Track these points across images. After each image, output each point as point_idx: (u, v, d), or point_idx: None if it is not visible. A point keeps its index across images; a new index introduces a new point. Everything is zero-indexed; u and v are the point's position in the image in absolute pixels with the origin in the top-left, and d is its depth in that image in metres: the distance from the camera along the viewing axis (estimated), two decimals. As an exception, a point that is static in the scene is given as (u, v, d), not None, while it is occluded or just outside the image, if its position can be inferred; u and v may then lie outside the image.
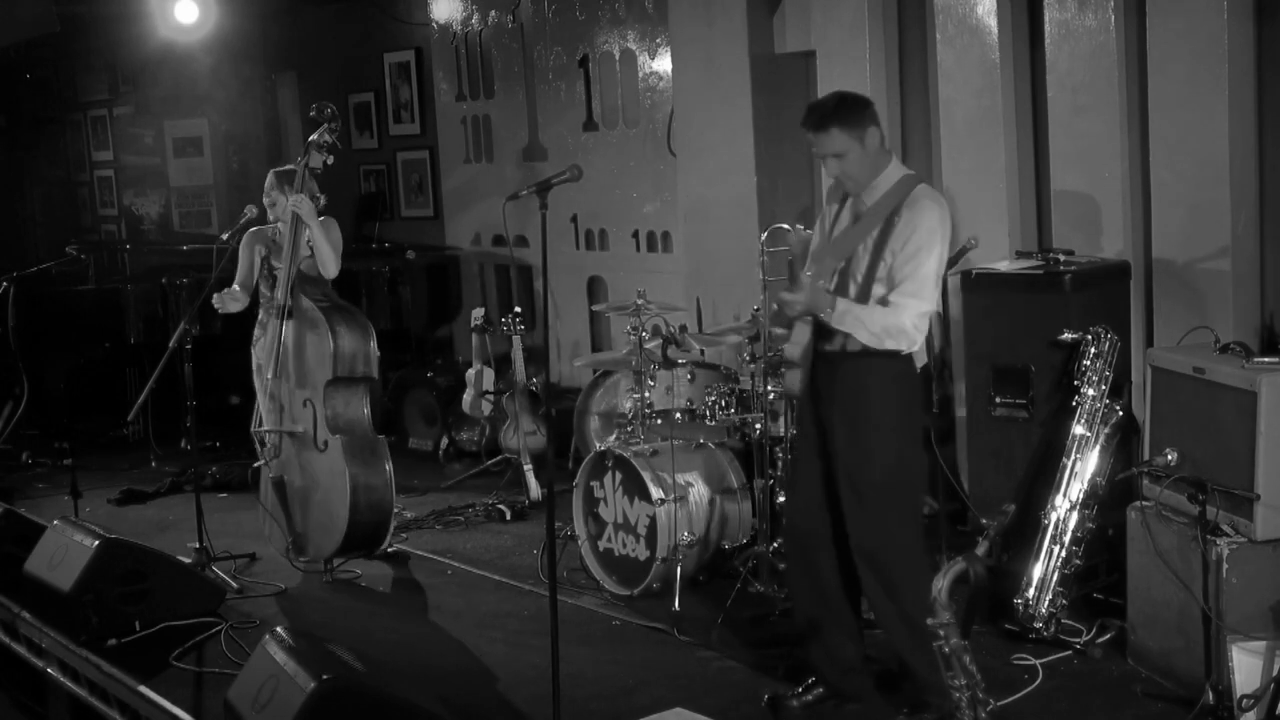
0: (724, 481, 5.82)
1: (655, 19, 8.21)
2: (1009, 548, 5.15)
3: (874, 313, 4.28)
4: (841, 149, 4.31)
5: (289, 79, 11.36)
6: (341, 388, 6.07)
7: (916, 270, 4.25)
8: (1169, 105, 5.71)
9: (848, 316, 4.28)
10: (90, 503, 7.51)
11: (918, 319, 4.27)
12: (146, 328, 9.11)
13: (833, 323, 4.29)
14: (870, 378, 4.34)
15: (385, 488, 6.13)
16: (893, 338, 4.26)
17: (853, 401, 4.37)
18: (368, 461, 6.08)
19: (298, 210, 6.04)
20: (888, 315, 4.26)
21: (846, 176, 4.38)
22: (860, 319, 4.27)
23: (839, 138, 4.29)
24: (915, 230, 4.25)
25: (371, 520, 6.10)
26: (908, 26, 7.05)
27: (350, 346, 6.09)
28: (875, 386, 4.34)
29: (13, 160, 12.73)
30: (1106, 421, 5.04)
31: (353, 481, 6.00)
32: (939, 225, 4.28)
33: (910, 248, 4.25)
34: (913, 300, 4.25)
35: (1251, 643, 4.27)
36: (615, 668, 5.08)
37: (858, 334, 4.27)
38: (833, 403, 4.43)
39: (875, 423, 4.35)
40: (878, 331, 4.26)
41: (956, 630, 3.55)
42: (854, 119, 4.31)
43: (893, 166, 4.40)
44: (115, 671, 4.97)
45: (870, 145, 4.33)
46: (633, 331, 6.13)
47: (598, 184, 8.43)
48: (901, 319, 4.24)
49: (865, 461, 4.37)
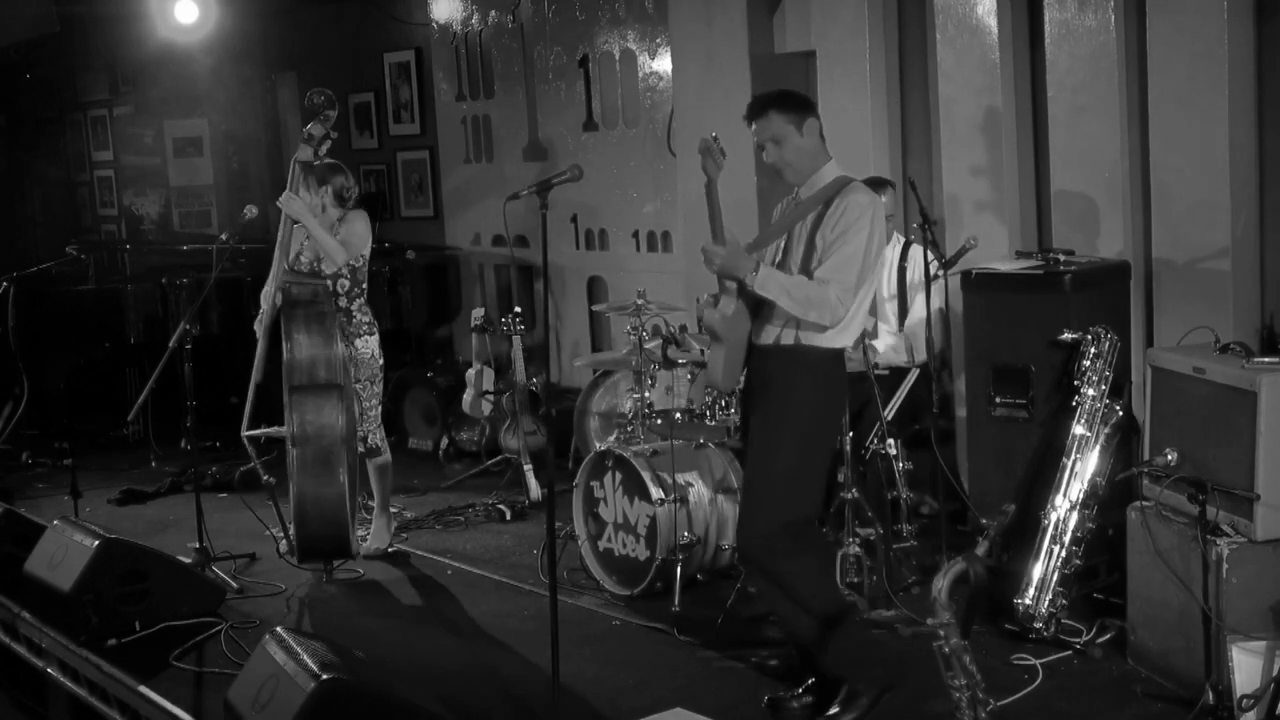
0: (724, 481, 5.82)
1: (655, 19, 8.21)
2: (1009, 548, 5.15)
3: (797, 281, 4.29)
4: (779, 134, 4.36)
5: (289, 79, 11.37)
6: (310, 395, 5.94)
7: (842, 249, 4.27)
8: (1169, 105, 5.71)
9: (770, 282, 4.28)
10: (90, 503, 7.51)
11: (841, 293, 4.25)
12: (146, 328, 9.12)
13: (755, 286, 4.29)
14: (796, 376, 4.35)
15: (338, 500, 5.90)
16: (815, 309, 4.25)
17: (773, 396, 4.39)
18: (318, 474, 5.89)
19: (286, 208, 6.02)
20: (811, 286, 4.26)
21: (784, 164, 4.41)
22: (783, 285, 4.28)
23: (776, 121, 4.36)
24: (843, 214, 4.29)
25: (325, 533, 5.92)
26: (908, 26, 7.05)
27: (307, 355, 5.94)
28: (798, 385, 4.35)
29: (13, 160, 12.73)
30: (1106, 421, 5.04)
31: (300, 494, 5.88)
32: (867, 212, 4.30)
33: (837, 230, 4.28)
34: (835, 276, 4.26)
35: (1251, 643, 4.27)
36: (615, 668, 5.08)
37: (780, 301, 4.27)
38: (755, 394, 4.46)
39: (787, 420, 4.35)
40: (800, 299, 4.26)
41: (956, 630, 3.54)
42: (793, 106, 4.39)
43: (831, 165, 4.44)
44: (115, 671, 4.97)
45: (808, 134, 4.38)
46: (633, 331, 6.13)
47: (598, 184, 8.43)
48: (825, 291, 4.24)
49: (766, 456, 4.39)
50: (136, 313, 9.13)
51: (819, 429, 4.43)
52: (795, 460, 4.36)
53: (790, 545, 4.39)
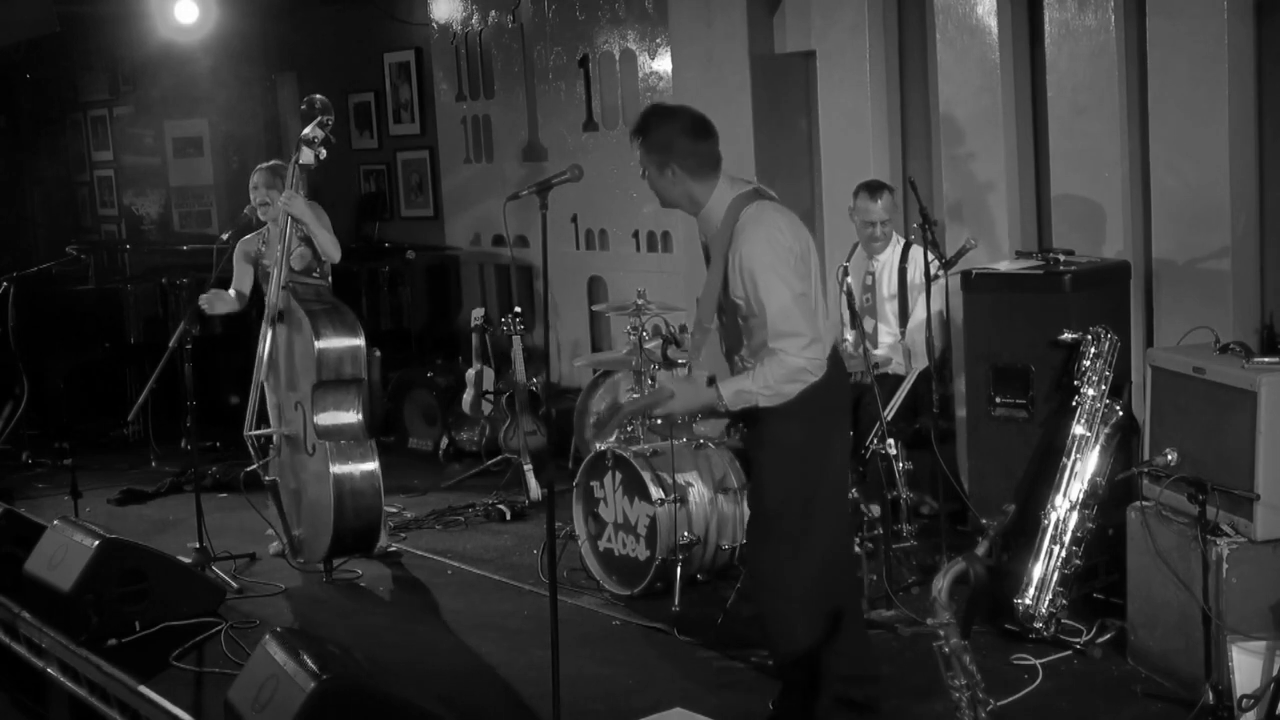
0: (724, 481, 5.82)
1: (655, 19, 8.21)
2: (1009, 548, 5.15)
3: (760, 376, 4.04)
4: (644, 166, 4.19)
5: (289, 79, 11.37)
6: (330, 390, 5.99)
7: (771, 306, 4.01)
8: (1169, 105, 5.71)
9: (740, 396, 4.07)
10: (90, 503, 7.51)
11: (805, 349, 4.01)
12: (146, 328, 9.11)
13: (730, 408, 4.12)
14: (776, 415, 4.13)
15: (373, 492, 6.02)
16: (793, 382, 4.03)
17: (761, 436, 4.25)
18: (353, 465, 5.98)
19: (289, 208, 6.02)
20: (774, 367, 4.02)
21: (657, 194, 4.25)
22: (752, 391, 4.05)
23: (641, 155, 4.18)
24: (750, 271, 4.02)
25: (359, 525, 6.01)
26: (908, 26, 7.05)
27: (336, 350, 5.99)
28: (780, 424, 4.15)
29: (13, 160, 12.73)
30: (1106, 421, 5.04)
31: (337, 486, 5.93)
32: (768, 247, 4.03)
33: (751, 288, 4.03)
34: (789, 338, 4.01)
35: (1251, 643, 4.26)
36: (615, 668, 5.08)
37: (759, 403, 4.06)
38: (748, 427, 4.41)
39: (773, 453, 4.23)
40: (775, 389, 4.03)
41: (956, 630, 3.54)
42: (656, 136, 4.15)
43: (720, 190, 4.16)
44: (115, 671, 4.95)
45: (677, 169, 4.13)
46: (633, 331, 6.13)
47: (598, 184, 8.43)
48: (790, 361, 4.01)
49: (758, 487, 4.36)
50: (136, 313, 9.13)
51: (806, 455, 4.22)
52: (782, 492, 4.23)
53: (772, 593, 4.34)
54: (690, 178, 4.16)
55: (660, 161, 4.16)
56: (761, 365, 4.06)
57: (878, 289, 6.32)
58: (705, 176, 4.18)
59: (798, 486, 4.22)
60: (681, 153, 4.14)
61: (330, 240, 6.12)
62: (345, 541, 6.04)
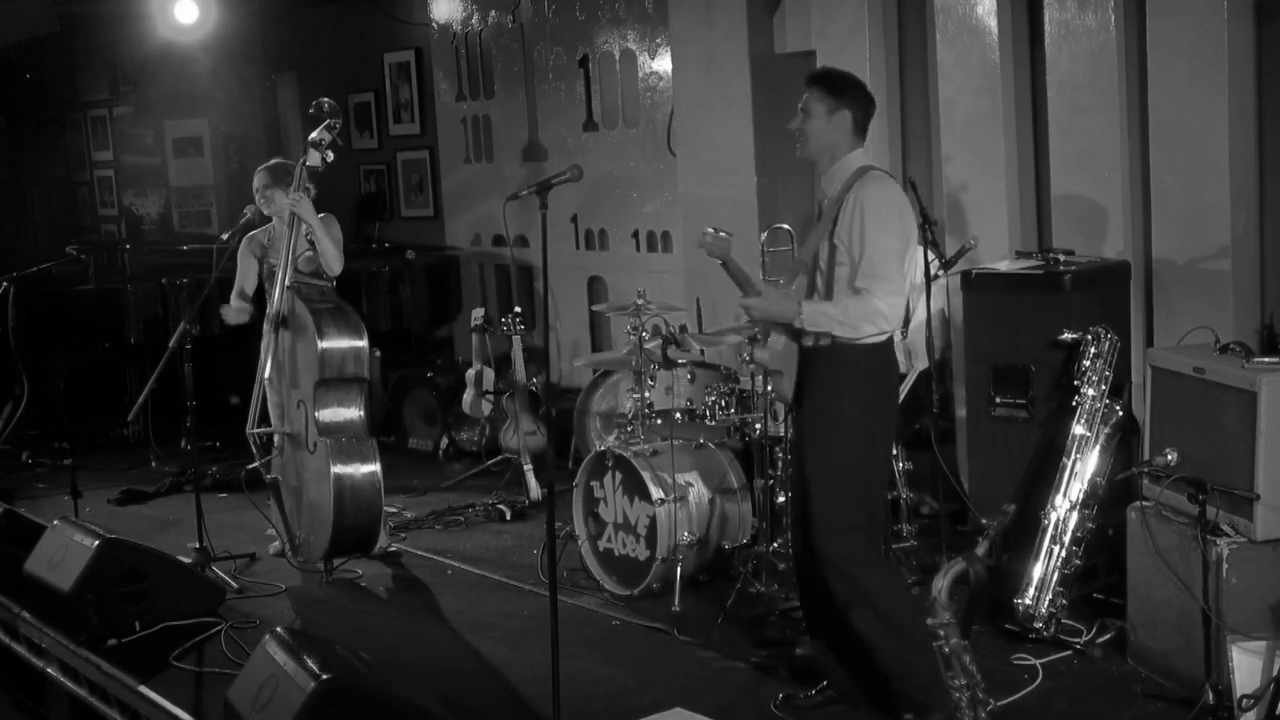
0: (724, 481, 5.82)
1: (655, 19, 8.21)
2: (1009, 548, 5.15)
3: (842, 305, 4.23)
4: (810, 108, 4.37)
5: (289, 79, 11.37)
6: (333, 389, 6.01)
7: (874, 248, 4.20)
8: (1169, 105, 5.71)
9: (819, 317, 4.24)
10: (90, 503, 7.51)
11: (889, 296, 4.20)
12: (146, 328, 9.11)
13: (805, 326, 4.26)
14: (842, 375, 4.29)
15: (373, 490, 6.02)
16: (869, 322, 4.21)
17: (822, 398, 4.34)
18: (354, 464, 5.98)
19: (296, 209, 6.03)
20: (857, 303, 4.20)
21: (801, 135, 4.40)
22: (830, 315, 4.23)
23: (815, 96, 4.36)
24: (862, 210, 4.22)
25: (359, 523, 6.01)
26: (908, 26, 7.05)
27: (339, 349, 6.01)
28: (845, 384, 4.29)
29: (13, 160, 12.73)
30: (1106, 421, 5.04)
31: (337, 484, 5.93)
32: (886, 201, 4.26)
33: (858, 228, 4.22)
34: (878, 281, 4.19)
35: (1251, 643, 4.27)
36: (615, 668, 5.08)
37: (833, 330, 4.23)
38: (805, 398, 4.41)
39: (839, 420, 4.30)
40: (851, 321, 4.21)
41: (956, 630, 3.55)
42: (837, 90, 4.36)
43: (854, 156, 4.38)
44: (115, 671, 4.96)
45: (836, 122, 4.34)
46: (633, 331, 6.13)
47: (598, 184, 8.43)
48: (872, 302, 4.18)
49: (824, 460, 4.34)
50: (136, 313, 9.12)
51: (872, 423, 4.35)
52: (854, 458, 4.31)
53: (868, 551, 4.36)
54: (849, 130, 4.37)
55: (834, 105, 4.34)
56: (844, 299, 4.24)
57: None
58: (856, 137, 4.39)
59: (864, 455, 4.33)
60: (855, 103, 4.38)
61: (335, 253, 6.11)
62: (344, 541, 6.03)
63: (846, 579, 4.32)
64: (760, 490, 5.75)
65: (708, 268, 7.70)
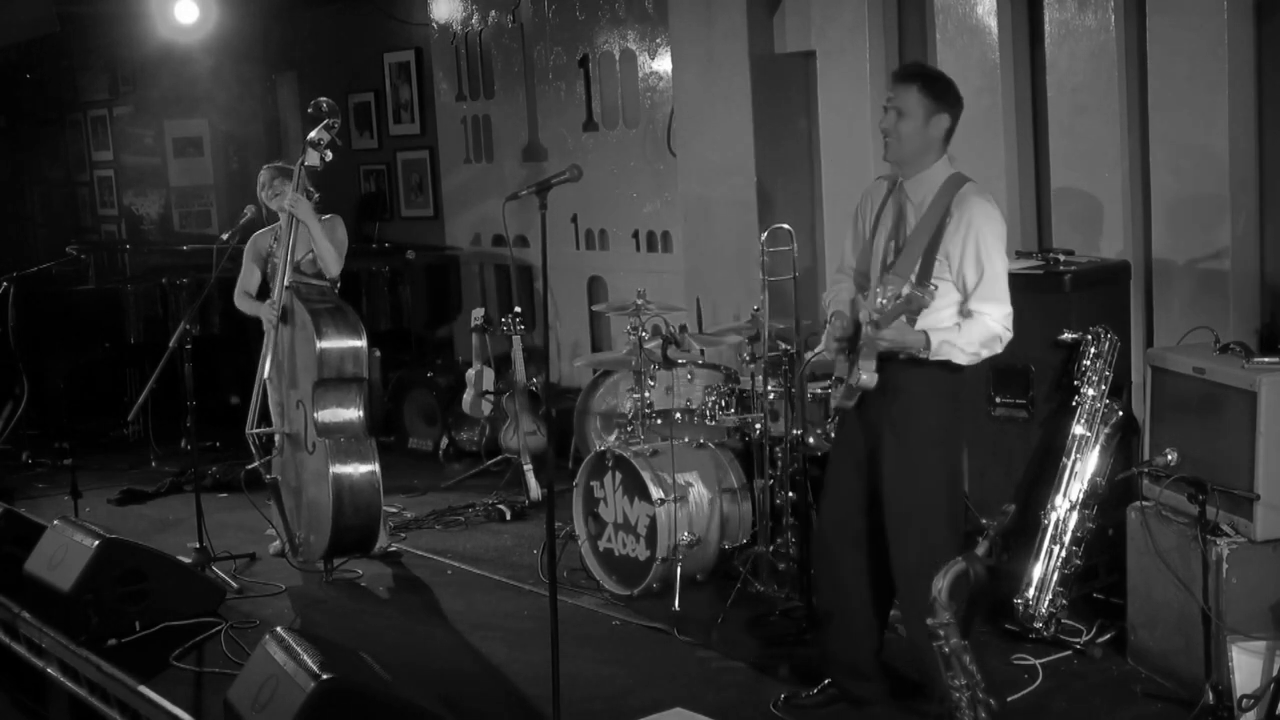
0: (724, 481, 5.82)
1: (655, 19, 8.21)
2: (1009, 548, 5.15)
3: (964, 332, 4.20)
4: (909, 108, 4.26)
5: (289, 79, 11.36)
6: (331, 389, 6.01)
7: (988, 272, 4.19)
8: (1169, 105, 5.71)
9: (944, 346, 4.18)
10: (90, 503, 7.51)
11: (1004, 319, 4.22)
12: (146, 328, 9.11)
13: (932, 356, 4.18)
14: (924, 390, 4.25)
15: (372, 490, 6.02)
16: (988, 347, 4.22)
17: (904, 413, 4.27)
18: (353, 464, 5.98)
19: (294, 210, 6.04)
20: (977, 328, 4.19)
21: (894, 136, 4.29)
22: (955, 344, 4.18)
23: (913, 96, 4.26)
24: (970, 231, 4.19)
25: (358, 523, 6.01)
26: (908, 26, 7.05)
27: (337, 349, 6.00)
28: (929, 399, 4.25)
29: (13, 160, 12.73)
30: (1106, 421, 5.04)
31: (336, 485, 5.93)
32: (997, 222, 4.25)
33: (973, 250, 4.19)
34: (994, 305, 4.20)
35: (1251, 643, 4.27)
36: (615, 668, 5.08)
37: (954, 358, 4.19)
38: (883, 411, 4.31)
39: (926, 437, 4.28)
40: (975, 349, 4.20)
41: (956, 630, 3.55)
42: (938, 93, 4.29)
43: (943, 163, 4.33)
44: (115, 671, 4.96)
45: (933, 127, 4.27)
46: (633, 331, 6.13)
47: (598, 184, 8.43)
48: (992, 327, 4.19)
49: (913, 477, 4.29)
50: (136, 313, 9.12)
51: (952, 439, 4.36)
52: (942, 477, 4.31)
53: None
54: (943, 136, 4.32)
55: (933, 108, 4.27)
56: (965, 323, 4.21)
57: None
58: (946, 144, 4.35)
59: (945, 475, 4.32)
60: (953, 107, 4.32)
61: (333, 256, 6.11)
62: (344, 540, 6.03)
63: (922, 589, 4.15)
64: (760, 490, 5.75)
65: (707, 267, 7.74)
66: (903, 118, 4.28)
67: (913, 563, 4.28)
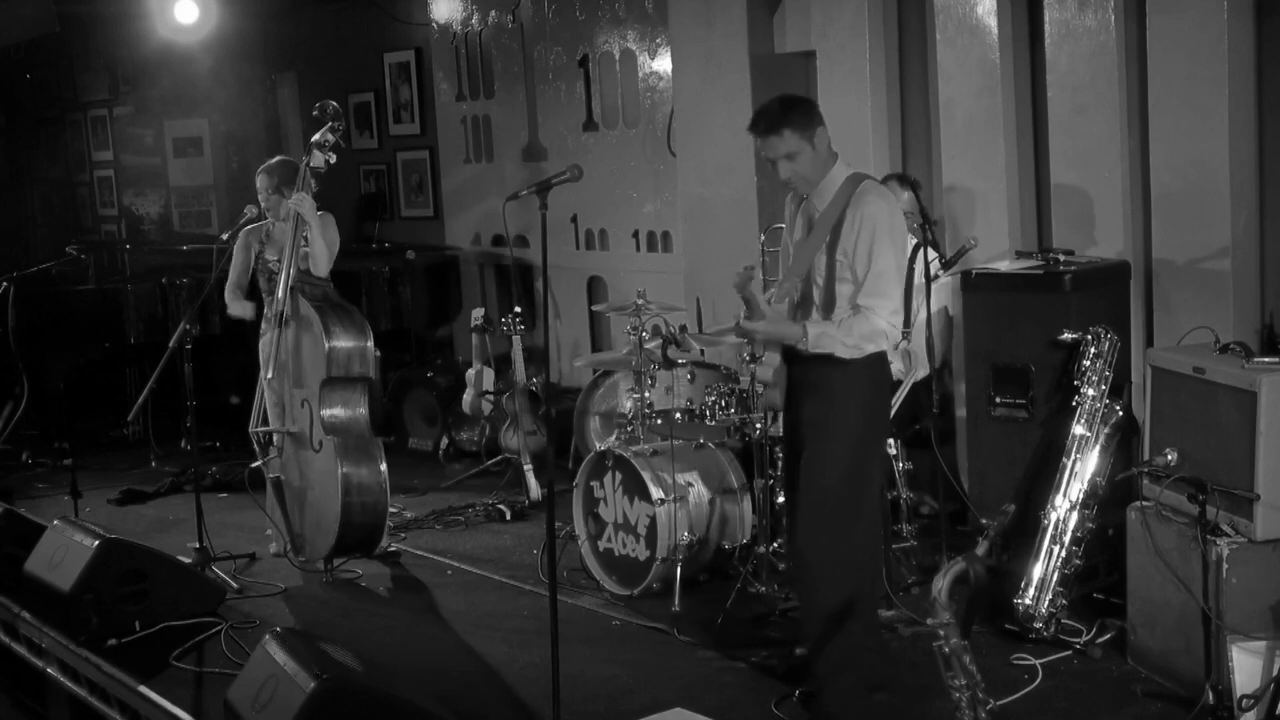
0: (724, 481, 5.82)
1: (655, 19, 8.21)
2: (1009, 548, 5.15)
3: (846, 325, 4.25)
4: (793, 149, 4.29)
5: (289, 79, 11.37)
6: (338, 388, 6.04)
7: (875, 267, 4.23)
8: (1169, 105, 5.71)
9: (822, 338, 4.24)
10: (90, 503, 7.51)
11: (891, 315, 4.26)
12: (146, 328, 9.11)
13: (810, 348, 4.25)
14: (838, 382, 4.31)
15: (379, 489, 6.06)
16: (871, 341, 4.25)
17: (819, 404, 4.35)
18: (361, 463, 6.02)
19: (299, 209, 6.05)
20: (860, 323, 4.23)
21: (798, 178, 4.35)
22: (834, 336, 4.24)
23: (791, 139, 4.28)
24: (863, 227, 4.24)
25: (365, 522, 6.04)
26: (908, 26, 7.05)
27: (345, 348, 6.05)
28: (842, 391, 4.31)
29: (13, 160, 12.73)
30: (1106, 421, 5.04)
31: (344, 483, 5.95)
32: (890, 218, 4.27)
33: (865, 246, 4.24)
34: (880, 299, 4.23)
35: (1251, 643, 4.27)
36: (615, 668, 5.08)
37: (836, 350, 4.24)
38: (801, 404, 4.43)
39: (836, 428, 4.33)
40: (855, 342, 4.24)
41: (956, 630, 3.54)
42: (804, 120, 4.31)
43: (838, 167, 4.38)
44: (115, 671, 4.96)
45: (820, 145, 4.32)
46: (633, 331, 6.13)
47: (598, 184, 8.43)
48: (875, 321, 4.23)
49: (821, 467, 4.36)
50: (136, 313, 9.13)
51: (867, 432, 4.39)
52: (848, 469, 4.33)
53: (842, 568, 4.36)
54: (828, 145, 4.36)
55: (809, 133, 4.30)
56: (848, 318, 4.24)
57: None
58: (831, 153, 4.39)
59: (855, 468, 4.34)
60: (817, 116, 4.36)
61: (326, 255, 6.15)
62: (349, 539, 6.05)
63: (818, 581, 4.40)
64: (760, 490, 5.75)
65: (708, 267, 7.74)
66: (793, 159, 4.31)
67: (809, 557, 4.39)
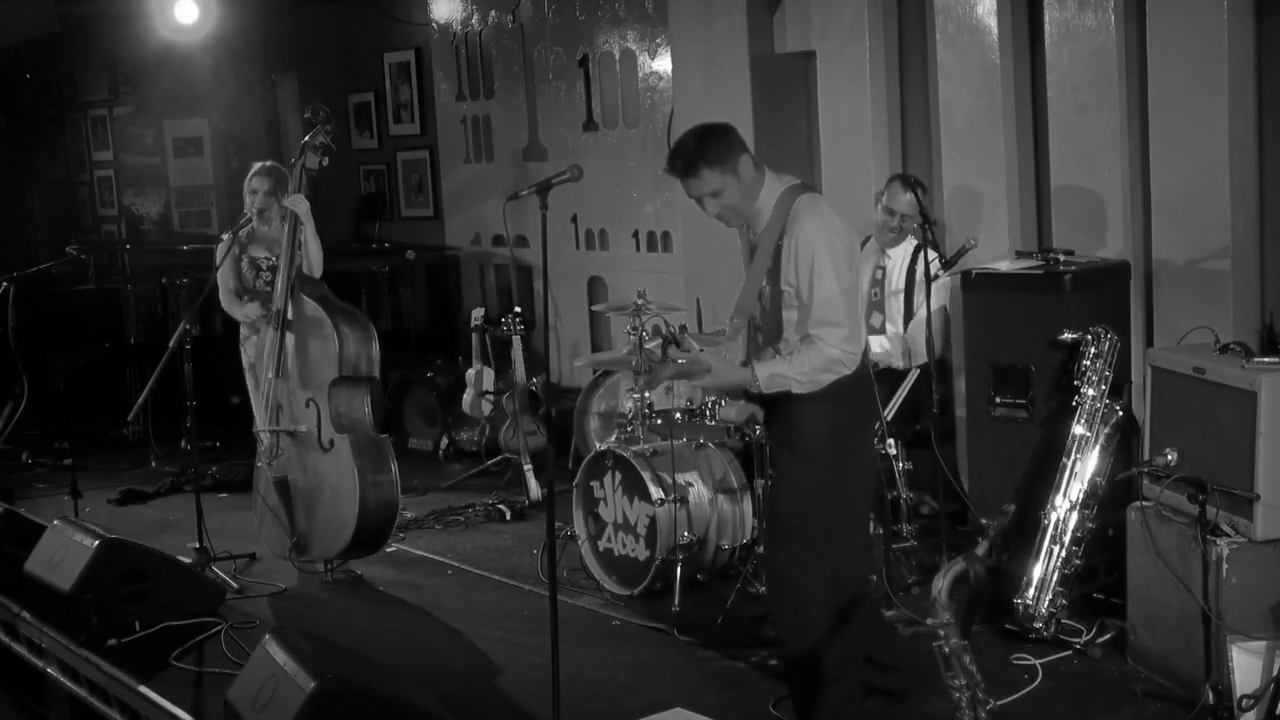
0: (724, 481, 5.82)
1: (655, 19, 8.21)
2: (1009, 548, 5.15)
3: (796, 361, 4.08)
4: (717, 187, 4.12)
5: (289, 79, 11.37)
6: (344, 387, 6.08)
7: (818, 293, 4.06)
8: (1169, 105, 5.71)
9: (774, 380, 4.09)
10: (90, 503, 7.51)
11: (843, 342, 4.06)
12: (146, 328, 9.12)
13: (763, 390, 4.12)
14: (801, 408, 4.16)
15: (392, 485, 6.14)
16: (827, 372, 4.08)
17: (782, 428, 4.27)
18: (375, 460, 6.09)
19: (297, 209, 6.07)
20: (811, 355, 4.06)
21: (728, 211, 4.18)
22: (785, 375, 4.08)
23: (711, 177, 4.10)
24: (800, 255, 4.07)
25: (379, 518, 6.11)
26: (908, 26, 7.05)
27: (354, 347, 6.11)
28: (805, 415, 4.16)
29: (13, 160, 12.73)
30: (1106, 421, 5.04)
31: (361, 480, 6.02)
32: (826, 237, 4.08)
33: (803, 274, 4.07)
34: (829, 328, 4.06)
35: (1251, 643, 4.27)
36: (615, 668, 5.08)
37: (791, 389, 4.09)
38: (770, 423, 4.40)
39: (799, 451, 4.21)
40: (809, 378, 4.07)
41: (956, 630, 3.54)
42: (721, 153, 4.11)
43: (768, 186, 4.19)
44: (115, 671, 4.95)
45: (745, 174, 4.14)
46: (633, 331, 6.13)
47: (598, 184, 8.43)
48: (827, 351, 4.06)
49: (780, 488, 4.31)
50: (136, 313, 9.13)
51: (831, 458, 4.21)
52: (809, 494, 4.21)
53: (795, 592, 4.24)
54: (753, 171, 4.17)
55: (729, 165, 4.11)
56: (798, 352, 4.10)
57: (886, 284, 6.32)
58: (759, 174, 4.20)
59: (820, 491, 4.20)
60: (736, 142, 4.16)
61: (319, 256, 6.23)
62: (361, 537, 6.09)
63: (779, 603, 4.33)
64: (760, 490, 5.75)
65: (708, 267, 7.74)
66: (719, 195, 4.13)
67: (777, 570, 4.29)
